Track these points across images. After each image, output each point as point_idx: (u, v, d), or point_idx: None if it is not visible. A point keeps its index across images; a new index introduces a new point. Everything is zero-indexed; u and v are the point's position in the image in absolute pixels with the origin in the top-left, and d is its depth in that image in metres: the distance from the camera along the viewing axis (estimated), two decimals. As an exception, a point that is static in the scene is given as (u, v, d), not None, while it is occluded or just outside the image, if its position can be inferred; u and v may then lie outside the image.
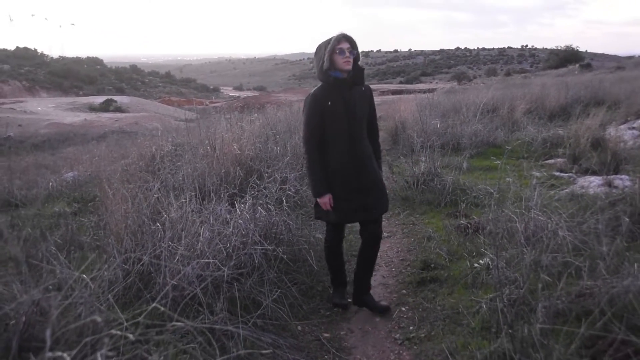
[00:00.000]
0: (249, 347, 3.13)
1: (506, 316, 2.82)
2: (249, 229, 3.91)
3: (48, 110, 44.66)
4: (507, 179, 5.61)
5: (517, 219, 3.91)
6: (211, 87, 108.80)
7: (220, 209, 4.09)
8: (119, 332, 1.76)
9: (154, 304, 1.89)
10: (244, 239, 3.84)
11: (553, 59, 58.64)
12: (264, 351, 2.88)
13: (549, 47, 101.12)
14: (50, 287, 3.04)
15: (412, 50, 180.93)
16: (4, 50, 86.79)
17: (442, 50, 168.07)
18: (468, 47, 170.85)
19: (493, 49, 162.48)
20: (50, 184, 8.38)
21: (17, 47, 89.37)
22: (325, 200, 3.75)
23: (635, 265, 2.98)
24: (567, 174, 7.38)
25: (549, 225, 3.81)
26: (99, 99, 51.33)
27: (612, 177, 6.40)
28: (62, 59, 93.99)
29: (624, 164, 7.09)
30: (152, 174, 5.59)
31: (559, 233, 3.74)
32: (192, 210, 3.99)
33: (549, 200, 4.48)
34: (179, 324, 1.89)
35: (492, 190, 5.05)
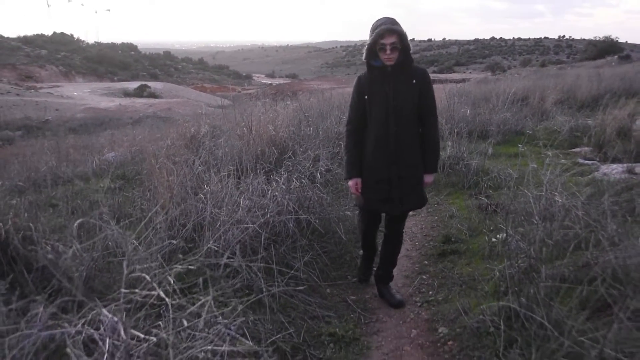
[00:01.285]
0: (283, 304, 3.51)
1: (515, 279, 3.13)
2: (284, 199, 4.26)
3: (84, 95, 45.70)
4: (532, 164, 5.84)
5: (531, 196, 4.16)
6: (244, 74, 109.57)
7: (258, 182, 4.45)
8: (179, 267, 2.12)
9: (209, 244, 2.25)
10: (280, 208, 4.19)
11: (591, 50, 57.58)
12: (299, 287, 3.23)
13: (587, 38, 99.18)
14: (110, 243, 3.46)
15: (446, 39, 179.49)
16: (42, 35, 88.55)
17: (476, 40, 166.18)
18: (503, 37, 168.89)
19: (529, 39, 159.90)
20: (94, 162, 8.87)
21: (54, 33, 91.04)
22: (352, 184, 3.73)
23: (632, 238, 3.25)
24: (590, 162, 7.56)
25: (559, 201, 4.06)
26: (133, 85, 52.33)
27: (634, 164, 6.58)
28: (98, 45, 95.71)
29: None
30: (194, 151, 6.00)
31: (572, 211, 4.00)
32: (232, 184, 4.37)
33: (565, 182, 4.72)
34: (229, 260, 2.24)
35: (512, 172, 5.31)
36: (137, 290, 1.92)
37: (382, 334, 3.47)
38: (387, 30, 3.37)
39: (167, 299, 1.92)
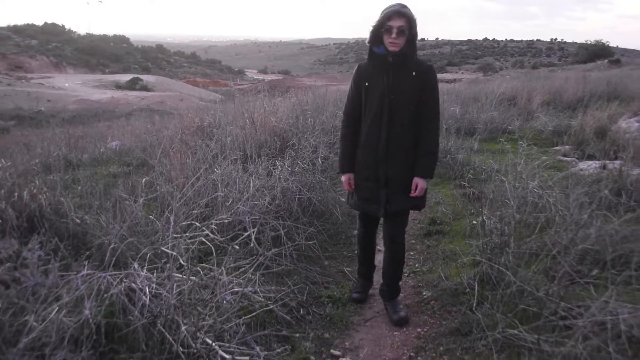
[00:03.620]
0: (288, 271, 4.00)
1: (489, 251, 3.66)
2: (289, 180, 4.77)
3: (75, 86, 45.81)
4: (514, 160, 6.33)
5: (507, 183, 4.66)
6: (236, 69, 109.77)
7: (263, 166, 4.95)
8: (215, 222, 2.61)
9: (224, 217, 2.73)
10: (285, 189, 4.70)
11: (582, 54, 58.32)
12: (310, 242, 3.74)
13: (578, 41, 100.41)
14: (140, 213, 3.93)
15: (439, 39, 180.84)
16: (32, 25, 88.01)
17: (469, 41, 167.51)
18: (496, 38, 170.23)
19: (521, 41, 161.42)
20: (101, 150, 9.32)
21: (45, 23, 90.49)
22: (344, 179, 3.62)
23: (590, 219, 3.77)
24: (570, 158, 8.12)
25: (534, 190, 4.59)
26: (125, 77, 52.46)
27: (608, 161, 7.12)
28: (89, 36, 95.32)
29: (622, 150, 7.78)
30: (203, 139, 6.48)
31: (544, 197, 4.52)
32: (240, 167, 4.87)
33: (540, 173, 5.25)
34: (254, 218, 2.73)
35: (494, 164, 5.84)
36: (186, 234, 2.40)
37: (373, 297, 3.98)
38: (396, 12, 3.18)
39: (209, 244, 2.40)
